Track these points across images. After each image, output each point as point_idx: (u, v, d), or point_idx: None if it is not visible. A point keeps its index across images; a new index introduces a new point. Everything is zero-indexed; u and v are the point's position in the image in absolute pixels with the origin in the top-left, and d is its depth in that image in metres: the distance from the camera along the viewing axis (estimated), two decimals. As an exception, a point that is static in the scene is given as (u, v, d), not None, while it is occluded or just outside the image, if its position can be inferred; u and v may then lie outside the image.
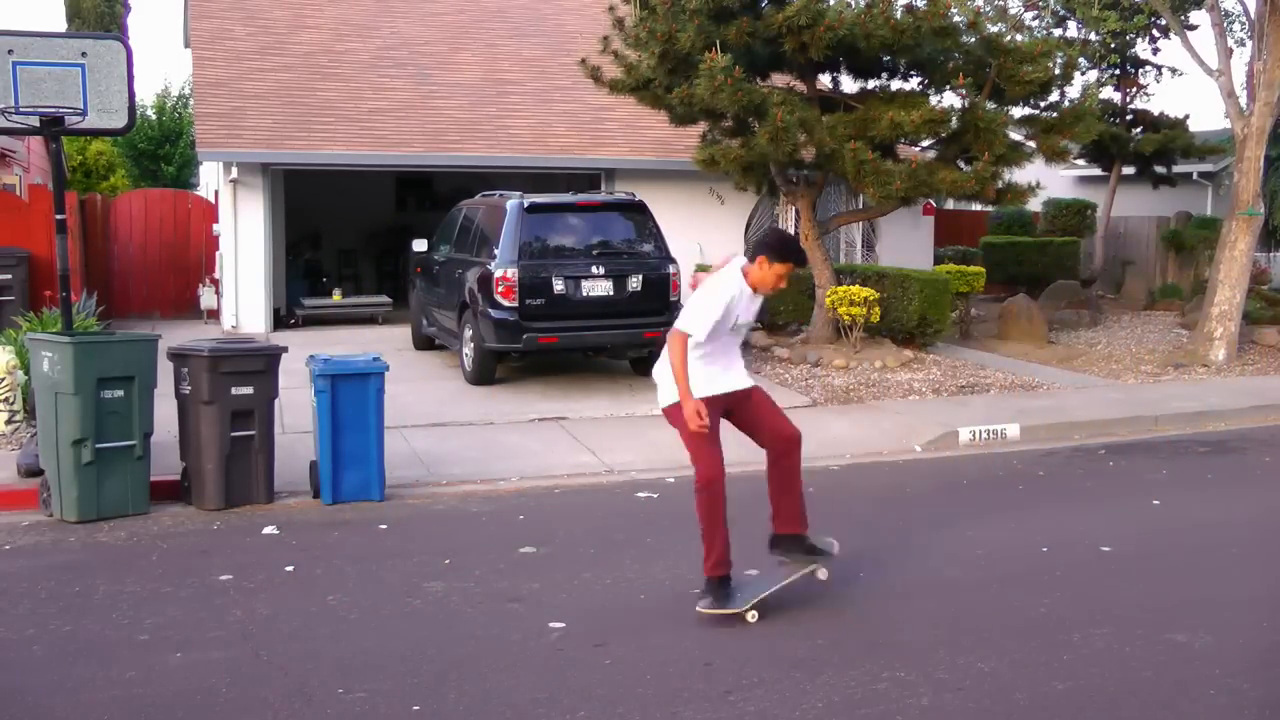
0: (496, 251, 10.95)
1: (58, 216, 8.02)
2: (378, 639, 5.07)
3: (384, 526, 6.97)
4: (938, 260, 17.94)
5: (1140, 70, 20.82)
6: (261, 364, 7.40)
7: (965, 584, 5.91)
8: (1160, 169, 20.77)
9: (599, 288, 11.02)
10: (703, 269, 14.23)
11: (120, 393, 7.03)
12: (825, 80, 13.50)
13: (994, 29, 12.75)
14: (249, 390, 7.33)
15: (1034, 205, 17.43)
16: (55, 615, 5.33)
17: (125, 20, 28.10)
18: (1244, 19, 17.11)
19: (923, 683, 4.56)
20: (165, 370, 7.40)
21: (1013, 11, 16.92)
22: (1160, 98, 59.28)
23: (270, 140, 14.92)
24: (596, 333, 11.09)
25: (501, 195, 11.89)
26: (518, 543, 6.57)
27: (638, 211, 11.64)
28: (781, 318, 14.12)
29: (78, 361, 6.85)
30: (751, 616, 5.19)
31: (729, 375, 5.41)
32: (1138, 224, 21.04)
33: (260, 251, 14.99)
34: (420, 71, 17.36)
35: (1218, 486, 8.40)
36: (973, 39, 12.31)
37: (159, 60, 56.23)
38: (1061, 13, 20.14)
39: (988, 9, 14.60)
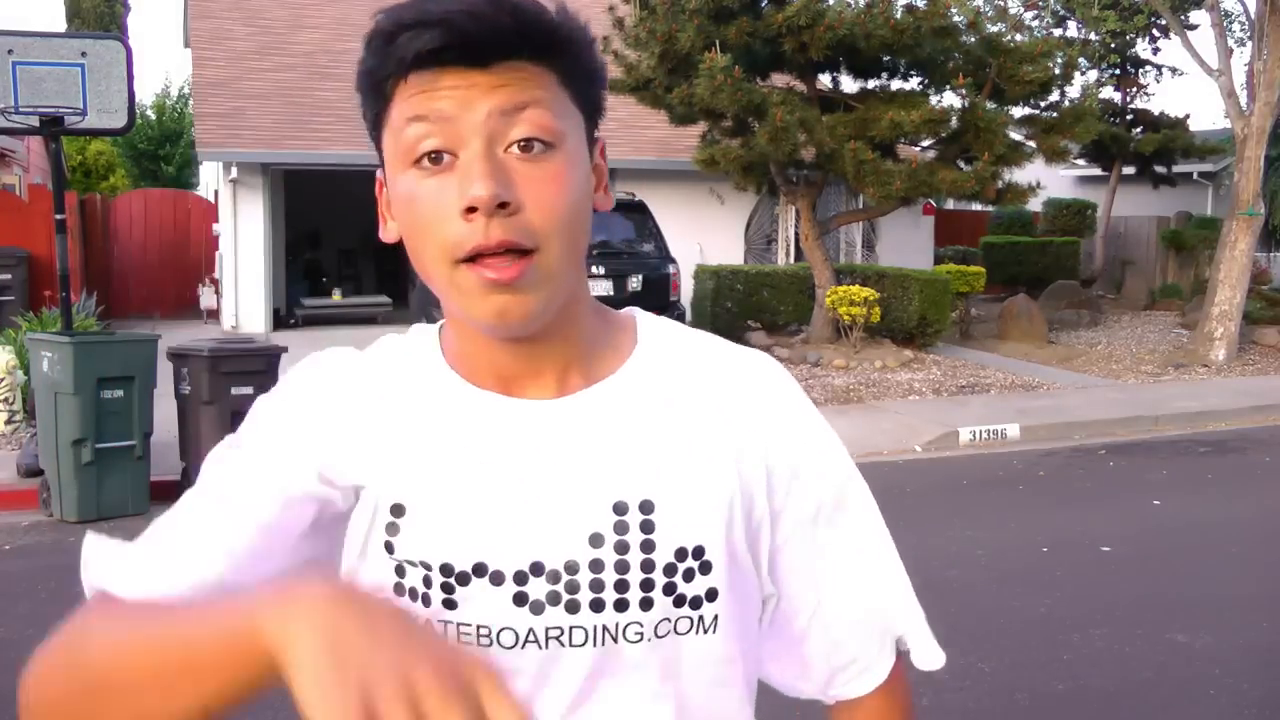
0: (496, 251, 10.96)
1: (57, 216, 8.01)
2: (378, 639, 5.05)
3: (384, 526, 6.96)
4: (938, 260, 17.95)
5: (1140, 70, 20.84)
6: (261, 364, 7.40)
7: (965, 584, 5.91)
8: (1160, 169, 20.79)
9: (599, 287, 11.02)
10: (703, 269, 14.26)
11: (120, 393, 7.03)
12: (825, 80, 13.51)
13: (994, 29, 12.77)
14: (249, 390, 7.31)
15: (1034, 205, 17.43)
16: (55, 615, 5.29)
17: (125, 20, 28.10)
18: (1244, 19, 17.13)
19: (923, 683, 4.54)
20: (165, 370, 7.40)
21: (1013, 11, 16.92)
22: (1160, 98, 59.42)
23: (270, 140, 14.91)
24: (596, 333, 11.09)
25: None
26: (518, 543, 6.56)
27: (638, 211, 11.65)
28: (782, 318, 14.12)
29: (78, 361, 6.85)
30: None
31: None
32: (1138, 224, 21.05)
33: (260, 251, 14.99)
34: (420, 71, 17.37)
35: (1218, 486, 8.40)
36: (973, 39, 12.33)
37: (159, 60, 56.29)
38: (1061, 13, 20.16)
39: (988, 9, 14.62)
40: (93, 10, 26.75)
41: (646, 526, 0.95)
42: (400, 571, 0.96)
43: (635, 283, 11.11)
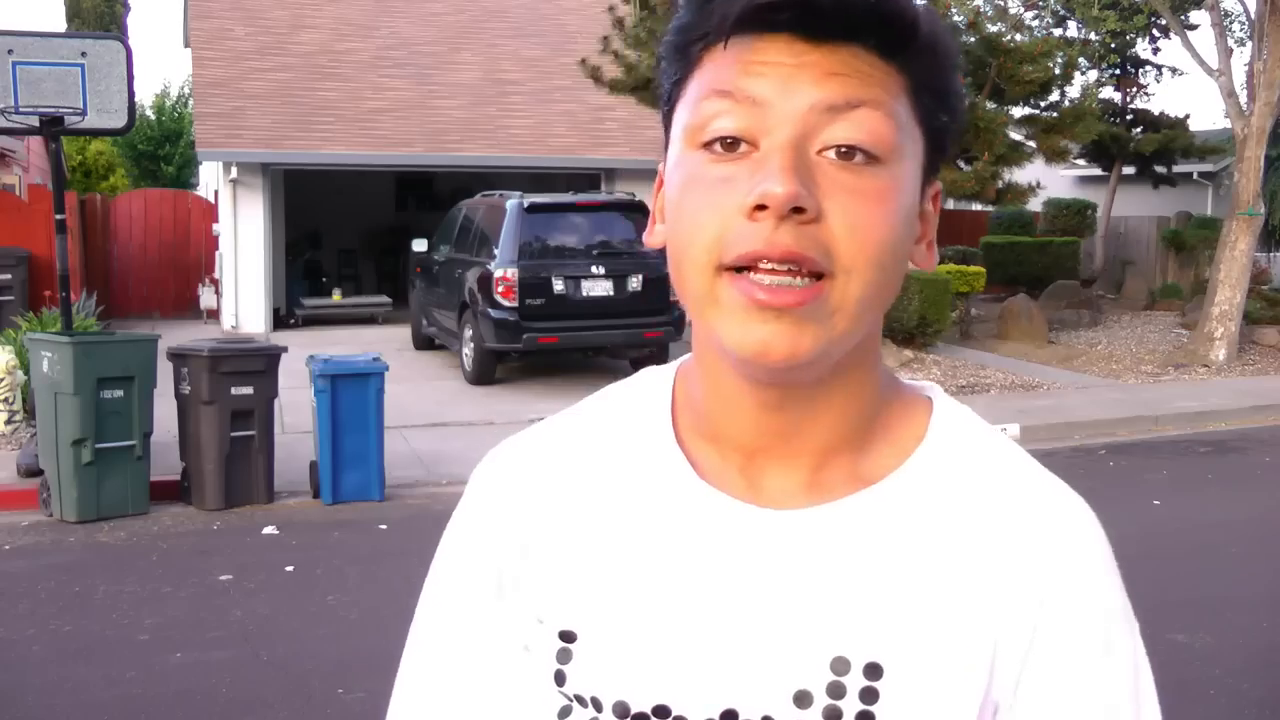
0: (496, 251, 10.96)
1: (57, 216, 8.02)
2: (378, 639, 5.05)
3: (384, 526, 6.97)
4: (938, 260, 17.94)
5: (1140, 70, 20.86)
6: (261, 364, 7.40)
7: (965, 584, 5.90)
8: (1160, 169, 20.80)
9: (599, 288, 11.02)
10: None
11: (120, 393, 7.03)
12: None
13: (994, 29, 12.78)
14: (249, 390, 7.32)
15: (1034, 205, 17.43)
16: (55, 615, 5.32)
17: (125, 20, 28.13)
18: (1244, 19, 17.13)
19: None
20: (165, 370, 7.40)
21: (1013, 11, 16.94)
22: (1160, 98, 59.44)
23: (270, 140, 14.92)
24: (596, 333, 11.09)
25: (501, 195, 11.89)
26: (518, 543, 6.55)
27: (638, 211, 11.64)
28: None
29: (77, 361, 6.85)
30: None
31: None
32: (1138, 224, 21.05)
33: (260, 251, 15.00)
34: (420, 71, 17.37)
35: (1218, 486, 8.40)
36: (973, 39, 12.34)
37: (159, 60, 56.34)
38: (1061, 13, 20.17)
39: (988, 9, 14.62)
40: (93, 10, 26.76)
41: (868, 696, 0.77)
42: (564, 713, 0.82)
43: (635, 283, 11.10)
